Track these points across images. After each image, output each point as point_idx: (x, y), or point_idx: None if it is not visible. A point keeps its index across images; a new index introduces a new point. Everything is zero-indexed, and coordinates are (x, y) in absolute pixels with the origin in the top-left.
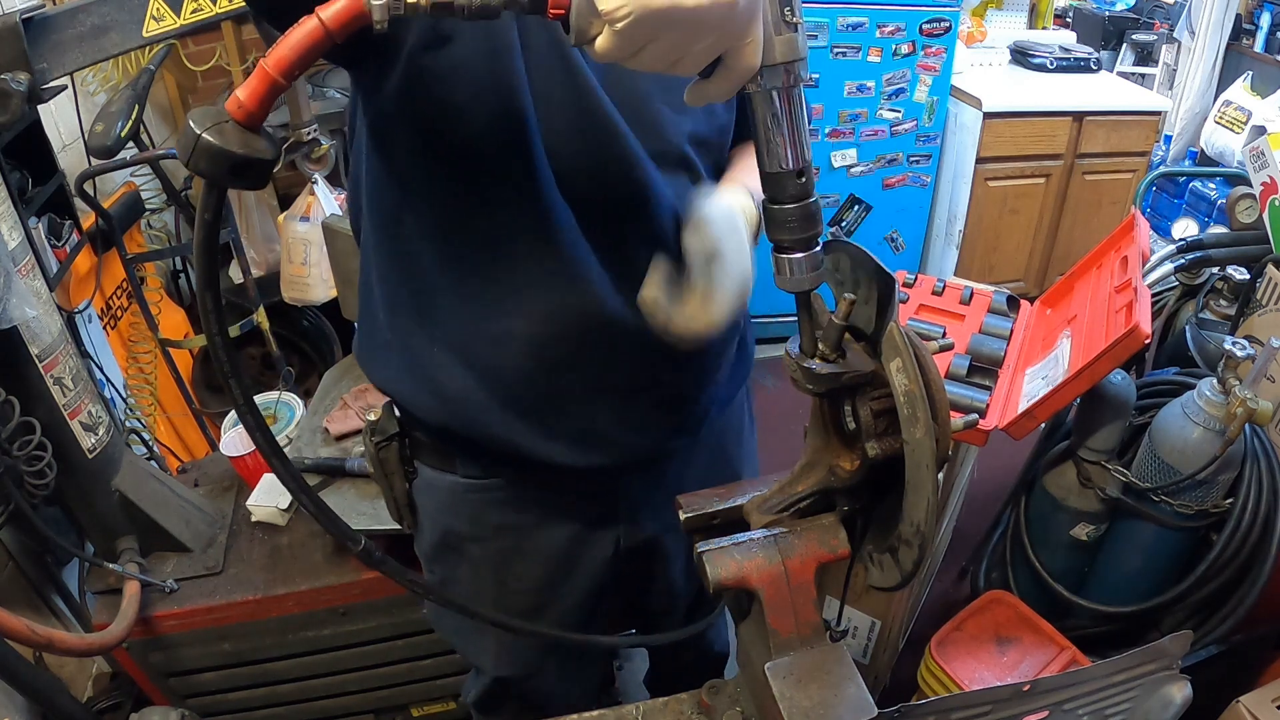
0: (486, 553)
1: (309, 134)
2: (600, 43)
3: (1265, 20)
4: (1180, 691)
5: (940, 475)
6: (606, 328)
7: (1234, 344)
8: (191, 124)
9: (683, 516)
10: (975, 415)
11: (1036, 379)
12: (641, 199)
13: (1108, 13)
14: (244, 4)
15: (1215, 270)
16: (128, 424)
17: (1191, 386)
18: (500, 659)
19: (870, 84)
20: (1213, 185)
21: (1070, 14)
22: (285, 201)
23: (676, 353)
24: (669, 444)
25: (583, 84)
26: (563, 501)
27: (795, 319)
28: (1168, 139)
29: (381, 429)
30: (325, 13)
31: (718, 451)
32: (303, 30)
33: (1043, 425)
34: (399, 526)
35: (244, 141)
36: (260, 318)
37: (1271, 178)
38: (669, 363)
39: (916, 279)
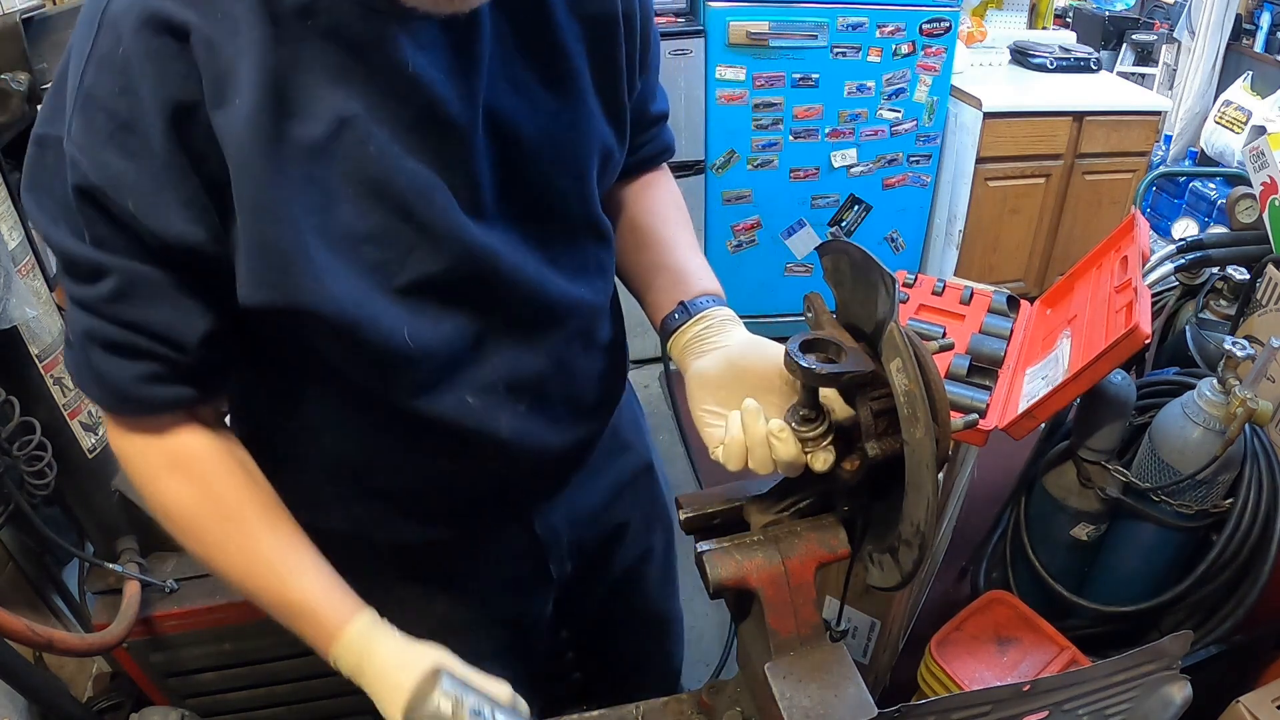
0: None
1: None
2: None
3: (1265, 20)
4: (1180, 691)
5: (940, 475)
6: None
7: (1234, 344)
8: None
9: (683, 516)
10: (975, 415)
11: (1036, 379)
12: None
13: (1108, 13)
14: None
15: (1215, 270)
16: None
17: (1191, 386)
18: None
19: (870, 84)
20: (1213, 185)
21: (1070, 14)
22: None
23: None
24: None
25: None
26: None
27: (795, 319)
28: (1168, 139)
29: None
30: None
31: (617, 443)
32: None
33: (1043, 425)
34: None
35: None
36: None
37: (1271, 178)
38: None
39: (916, 279)
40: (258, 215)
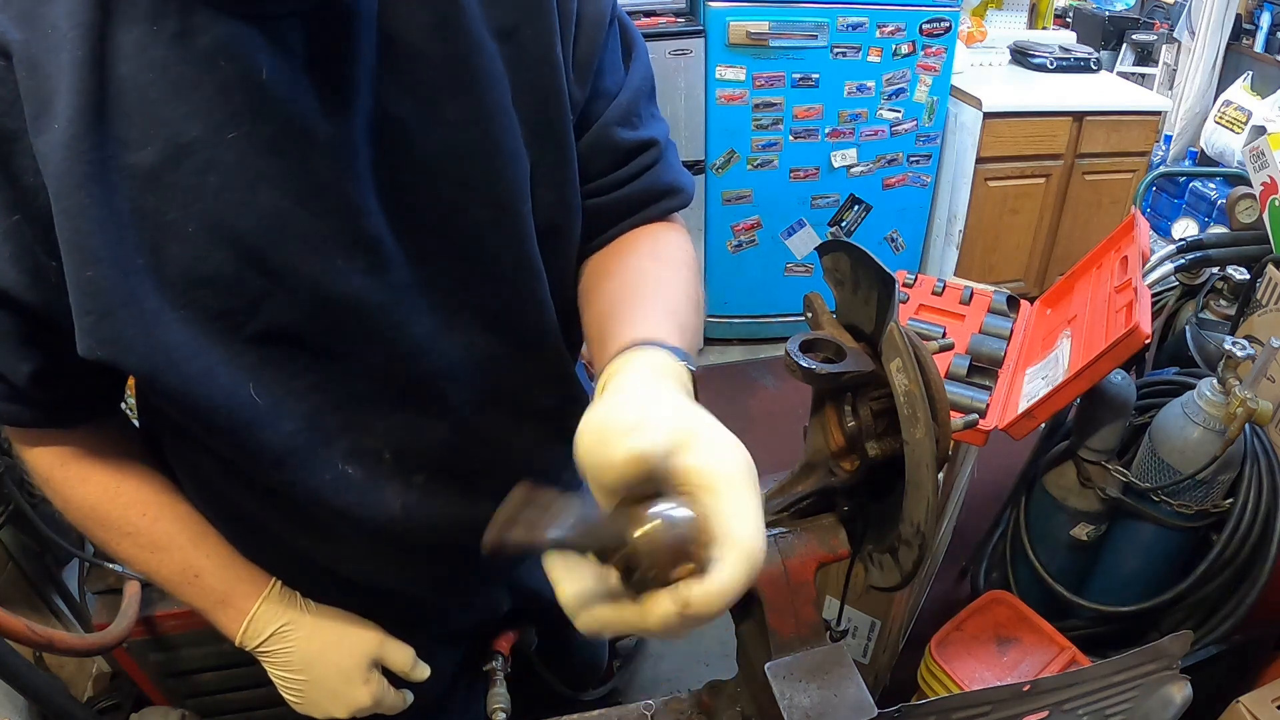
0: None
1: None
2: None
3: (1265, 20)
4: (1180, 691)
5: (940, 475)
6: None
7: (1234, 344)
8: None
9: None
10: (975, 415)
11: (1036, 379)
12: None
13: (1108, 13)
14: None
15: (1215, 270)
16: None
17: (1191, 386)
18: None
19: (870, 84)
20: (1213, 185)
21: (1070, 14)
22: None
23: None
24: None
25: None
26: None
27: (795, 319)
28: (1168, 139)
29: None
30: None
31: None
32: None
33: (1043, 425)
34: None
35: None
36: None
37: (1271, 178)
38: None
39: (916, 279)
40: (75, 254)
